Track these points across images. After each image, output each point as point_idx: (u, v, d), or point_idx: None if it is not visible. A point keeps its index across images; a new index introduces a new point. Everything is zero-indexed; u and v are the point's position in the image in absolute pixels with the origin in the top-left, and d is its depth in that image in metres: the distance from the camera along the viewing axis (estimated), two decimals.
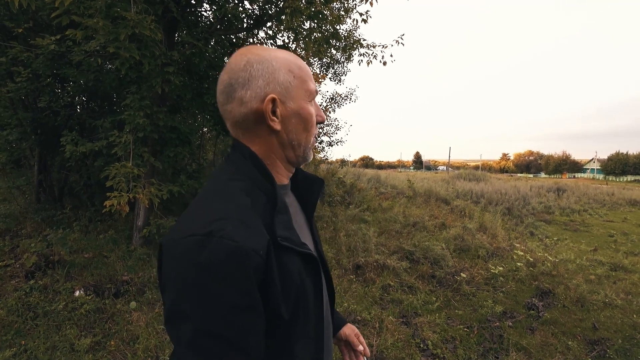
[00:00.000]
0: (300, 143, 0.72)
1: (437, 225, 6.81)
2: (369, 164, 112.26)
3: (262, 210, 0.64)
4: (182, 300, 0.55)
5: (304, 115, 0.71)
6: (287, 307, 0.62)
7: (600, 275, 4.85)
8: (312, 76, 0.74)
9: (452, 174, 22.84)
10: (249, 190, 0.66)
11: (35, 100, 5.08)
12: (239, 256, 0.54)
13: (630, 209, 14.08)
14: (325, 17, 4.75)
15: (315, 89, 0.74)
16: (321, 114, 0.76)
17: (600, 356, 2.86)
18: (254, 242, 0.56)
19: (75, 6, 2.93)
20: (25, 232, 4.77)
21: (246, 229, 0.57)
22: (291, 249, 0.64)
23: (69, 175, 5.85)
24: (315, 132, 0.75)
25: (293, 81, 0.69)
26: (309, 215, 0.85)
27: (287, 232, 0.65)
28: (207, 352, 0.54)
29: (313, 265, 0.69)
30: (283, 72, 0.68)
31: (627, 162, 68.81)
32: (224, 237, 0.54)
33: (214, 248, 0.54)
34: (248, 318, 0.56)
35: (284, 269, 0.62)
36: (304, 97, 0.71)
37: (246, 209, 0.62)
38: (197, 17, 4.79)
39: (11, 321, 2.80)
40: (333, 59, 9.15)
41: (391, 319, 3.24)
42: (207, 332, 0.54)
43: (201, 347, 0.54)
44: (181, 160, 4.89)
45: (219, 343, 0.54)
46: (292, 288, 0.63)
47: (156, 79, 3.78)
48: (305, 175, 0.85)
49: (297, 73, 0.70)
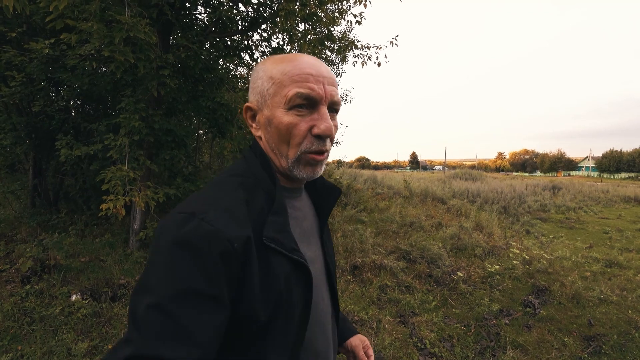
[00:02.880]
0: (282, 153, 0.68)
1: (433, 224, 6.84)
2: (366, 164, 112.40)
3: (258, 208, 0.63)
4: (150, 271, 0.55)
5: (276, 124, 0.66)
6: (265, 311, 0.60)
7: (596, 272, 4.89)
8: (309, 77, 0.65)
9: (448, 173, 22.95)
10: (250, 187, 0.66)
11: (29, 105, 5.05)
12: (212, 240, 0.54)
13: (625, 205, 14.21)
14: (319, 19, 4.78)
15: (302, 94, 0.64)
16: (320, 126, 0.65)
17: (596, 352, 2.89)
18: (231, 232, 0.56)
19: (70, 10, 2.93)
20: (20, 236, 4.74)
21: (228, 219, 0.57)
22: (279, 252, 0.62)
23: (64, 179, 5.82)
24: (306, 146, 0.66)
25: (270, 88, 0.66)
26: (322, 220, 0.83)
27: (277, 234, 0.63)
28: (153, 329, 0.50)
29: (304, 273, 0.66)
30: (263, 79, 0.68)
31: (621, 160, 69.46)
32: (204, 219, 0.55)
33: (192, 227, 0.54)
34: (206, 308, 0.53)
35: (268, 270, 0.61)
36: (279, 104, 0.65)
37: (238, 202, 0.61)
38: (191, 19, 4.79)
39: (7, 326, 2.78)
40: (328, 61, 9.18)
41: (388, 319, 3.25)
42: (159, 307, 0.51)
43: (149, 322, 0.50)
44: (177, 163, 4.88)
45: (168, 323, 0.50)
46: (273, 292, 0.61)
47: (151, 82, 3.78)
48: (324, 182, 0.83)
49: (277, 78, 0.66)
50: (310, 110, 0.66)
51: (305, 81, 0.64)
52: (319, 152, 0.67)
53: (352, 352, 0.93)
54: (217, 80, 4.84)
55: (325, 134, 0.65)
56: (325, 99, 0.66)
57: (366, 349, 0.93)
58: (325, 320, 0.77)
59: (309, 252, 0.73)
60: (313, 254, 0.75)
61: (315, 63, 0.67)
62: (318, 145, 0.66)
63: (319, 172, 0.71)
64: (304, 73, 0.65)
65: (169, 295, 0.51)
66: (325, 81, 0.66)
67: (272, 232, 0.62)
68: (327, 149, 0.68)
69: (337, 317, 0.85)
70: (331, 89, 0.67)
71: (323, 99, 0.66)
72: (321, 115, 0.66)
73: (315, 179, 0.75)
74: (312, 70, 0.66)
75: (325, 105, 0.67)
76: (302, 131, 0.65)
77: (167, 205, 5.28)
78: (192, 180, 4.91)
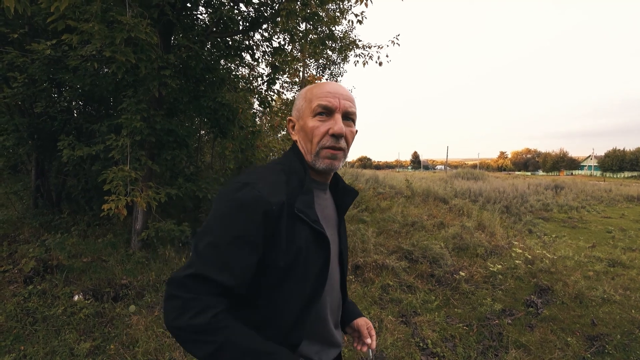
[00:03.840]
0: (308, 150, 0.91)
1: (435, 224, 6.83)
2: (367, 164, 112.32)
3: (291, 188, 0.85)
4: (212, 220, 0.79)
5: (305, 129, 0.91)
6: (285, 260, 0.81)
7: (599, 272, 4.87)
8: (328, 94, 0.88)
9: (450, 173, 22.89)
10: (287, 172, 0.89)
11: (31, 106, 5.07)
12: (259, 201, 0.77)
13: (628, 205, 14.13)
14: (320, 19, 4.77)
15: (322, 105, 0.87)
16: (334, 127, 0.87)
17: (599, 352, 2.87)
18: (272, 198, 0.78)
19: (71, 11, 2.94)
20: (23, 237, 4.76)
21: (271, 189, 0.80)
22: (305, 222, 0.83)
23: (67, 179, 5.84)
24: (324, 142, 0.88)
25: (304, 104, 0.92)
26: (340, 216, 1.04)
27: (305, 208, 0.83)
28: (206, 258, 0.76)
29: (323, 241, 0.86)
30: (300, 99, 0.95)
31: (624, 159, 69.10)
32: (254, 187, 0.78)
33: (245, 192, 0.78)
34: (246, 250, 0.77)
35: (293, 232, 0.81)
36: (308, 115, 0.90)
37: (279, 179, 0.85)
38: (192, 20, 4.79)
39: (10, 327, 2.79)
40: (329, 60, 9.18)
41: (390, 319, 3.25)
42: (214, 244, 0.76)
43: (206, 254, 0.76)
44: (179, 163, 4.89)
45: (218, 255, 0.76)
46: (293, 248, 0.81)
47: (153, 82, 3.79)
48: (345, 185, 1.05)
49: (307, 96, 0.92)
50: (328, 118, 0.89)
51: (325, 97, 0.88)
52: (333, 147, 0.88)
53: (357, 331, 1.11)
54: (219, 80, 4.84)
55: (337, 132, 0.87)
56: (340, 109, 0.89)
57: (369, 329, 1.11)
58: (334, 296, 0.98)
59: (327, 232, 0.90)
60: (330, 236, 0.92)
61: (336, 86, 0.91)
62: (332, 142, 0.88)
63: (337, 165, 0.91)
64: (325, 91, 0.89)
65: (222, 237, 0.76)
66: (341, 97, 0.89)
67: (301, 205, 0.83)
68: (341, 146, 0.89)
69: (344, 297, 1.06)
70: (345, 103, 0.89)
71: (338, 109, 0.88)
72: (336, 121, 0.88)
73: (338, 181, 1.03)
74: (331, 90, 0.90)
75: (340, 114, 0.89)
76: (322, 132, 0.88)
77: (168, 206, 5.29)
78: (194, 180, 4.92)
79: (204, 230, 0.79)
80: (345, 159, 0.96)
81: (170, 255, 4.27)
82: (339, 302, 1.02)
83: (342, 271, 1.03)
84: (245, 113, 5.38)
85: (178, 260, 4.21)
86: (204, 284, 0.75)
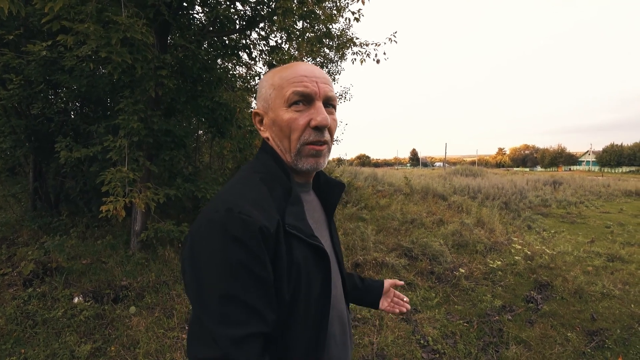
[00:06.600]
0: (285, 148, 0.75)
1: (434, 221, 6.84)
2: (366, 162, 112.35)
3: (276, 200, 0.70)
4: (203, 269, 0.61)
5: (279, 123, 0.74)
6: (288, 288, 0.66)
7: (598, 267, 4.88)
8: (304, 78, 0.72)
9: (448, 170, 22.91)
10: (268, 181, 0.72)
11: (28, 107, 5.05)
12: (252, 228, 0.60)
13: (626, 199, 14.16)
14: (317, 17, 4.75)
15: (298, 92, 0.71)
16: (316, 118, 0.71)
17: (599, 347, 2.88)
18: (265, 220, 0.63)
19: (66, 11, 2.92)
20: (22, 240, 4.75)
21: (260, 209, 0.64)
22: (299, 238, 0.68)
23: (65, 181, 5.82)
24: (305, 137, 0.72)
25: (272, 93, 0.75)
26: (328, 215, 0.91)
27: (297, 222, 0.69)
28: (229, 317, 0.59)
29: (322, 257, 0.72)
30: (266, 87, 0.77)
31: (621, 154, 69.35)
32: (241, 212, 0.61)
33: (232, 220, 0.61)
34: (264, 287, 0.62)
35: (290, 252, 0.67)
36: (281, 105, 0.73)
37: (262, 195, 0.68)
38: (189, 19, 4.77)
39: (10, 330, 2.78)
40: (326, 59, 9.15)
41: (391, 316, 3.25)
42: (226, 296, 0.59)
43: (226, 313, 0.59)
44: (177, 163, 4.87)
45: (239, 306, 0.59)
46: (293, 272, 0.67)
47: (149, 83, 3.77)
48: (327, 178, 0.90)
49: (277, 83, 0.74)
50: (307, 106, 0.73)
51: (300, 81, 0.72)
52: (317, 142, 0.73)
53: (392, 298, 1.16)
54: (216, 79, 4.82)
55: (321, 124, 0.71)
56: (320, 95, 0.73)
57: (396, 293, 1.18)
58: (340, 306, 0.84)
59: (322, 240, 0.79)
60: (324, 243, 0.79)
61: (309, 67, 0.75)
62: (316, 136, 0.72)
63: (322, 163, 0.76)
64: (299, 75, 0.72)
65: (233, 284, 0.59)
66: (319, 80, 0.73)
67: (292, 220, 0.69)
68: (325, 139, 0.74)
69: (347, 301, 0.92)
70: (324, 87, 0.73)
71: (317, 95, 0.72)
72: (317, 109, 0.72)
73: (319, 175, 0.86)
74: (306, 72, 0.73)
75: (320, 100, 0.73)
76: (301, 125, 0.72)
77: (167, 206, 5.28)
78: (192, 180, 4.90)
79: (199, 290, 0.61)
80: (329, 154, 0.80)
81: (170, 256, 4.27)
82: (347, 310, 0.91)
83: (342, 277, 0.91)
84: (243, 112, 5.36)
85: (178, 261, 4.21)
86: (244, 347, 0.59)
